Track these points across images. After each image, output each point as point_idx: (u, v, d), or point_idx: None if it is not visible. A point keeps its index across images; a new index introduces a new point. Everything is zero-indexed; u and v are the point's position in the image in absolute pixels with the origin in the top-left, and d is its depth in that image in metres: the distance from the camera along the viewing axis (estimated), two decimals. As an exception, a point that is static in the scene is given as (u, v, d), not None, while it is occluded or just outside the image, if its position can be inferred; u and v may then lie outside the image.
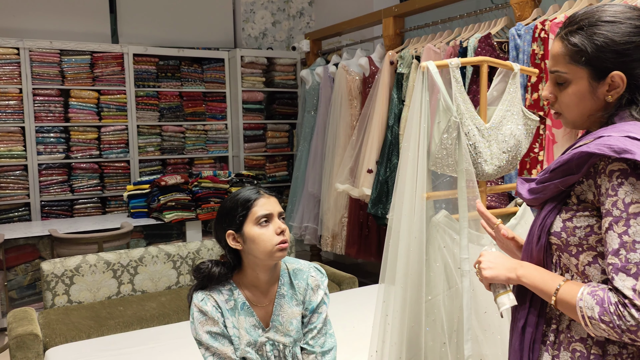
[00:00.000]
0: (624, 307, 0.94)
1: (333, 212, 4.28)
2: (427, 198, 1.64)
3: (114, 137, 4.76)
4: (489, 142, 1.68)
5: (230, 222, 1.44)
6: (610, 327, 0.95)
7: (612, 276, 0.97)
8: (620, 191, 0.97)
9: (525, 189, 1.16)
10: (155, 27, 5.24)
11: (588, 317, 0.98)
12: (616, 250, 0.97)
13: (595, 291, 0.99)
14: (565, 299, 1.03)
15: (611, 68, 1.03)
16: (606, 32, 1.03)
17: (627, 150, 0.96)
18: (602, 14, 1.05)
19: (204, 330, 1.44)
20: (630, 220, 0.96)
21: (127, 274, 3.21)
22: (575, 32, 1.06)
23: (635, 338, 0.94)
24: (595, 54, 1.04)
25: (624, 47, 1.02)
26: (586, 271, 1.06)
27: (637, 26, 1.03)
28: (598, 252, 1.04)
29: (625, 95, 1.05)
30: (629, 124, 1.02)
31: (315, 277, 1.54)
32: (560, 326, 1.11)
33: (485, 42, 3.08)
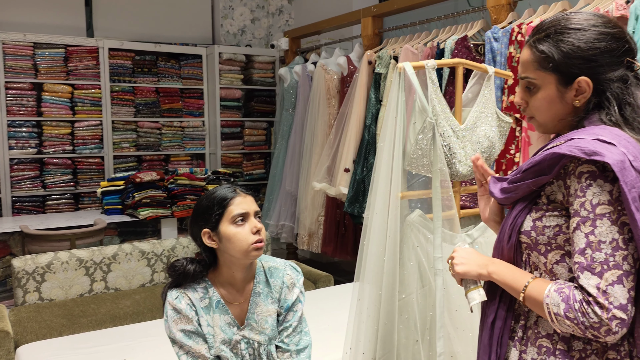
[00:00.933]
0: (588, 304, 0.97)
1: (310, 211, 4.29)
2: (402, 197, 1.66)
3: (88, 133, 4.68)
4: (464, 143, 1.71)
5: (206, 221, 1.44)
6: (574, 324, 0.98)
7: (578, 274, 1.00)
8: (589, 192, 1.00)
9: (498, 188, 1.19)
10: (132, 22, 5.17)
11: (554, 313, 1.01)
12: (582, 250, 1.00)
13: (562, 289, 1.02)
14: (533, 296, 1.06)
15: (578, 74, 1.06)
16: (572, 39, 1.06)
17: (597, 152, 0.98)
18: (568, 22, 1.08)
19: (178, 329, 1.43)
20: (596, 220, 0.99)
21: (100, 272, 3.17)
22: (543, 39, 1.09)
23: (597, 334, 0.97)
24: (562, 61, 1.06)
25: (589, 54, 1.05)
26: (554, 269, 1.09)
27: (602, 33, 1.06)
28: (566, 251, 1.07)
29: (592, 100, 1.08)
30: (599, 128, 1.05)
31: (291, 275, 1.55)
32: (528, 322, 1.14)
33: (461, 44, 3.12)
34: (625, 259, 0.98)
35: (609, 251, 0.98)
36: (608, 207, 0.99)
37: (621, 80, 1.06)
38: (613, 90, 1.05)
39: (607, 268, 0.97)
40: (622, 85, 1.05)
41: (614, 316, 0.95)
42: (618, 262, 0.97)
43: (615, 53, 1.06)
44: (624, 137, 1.02)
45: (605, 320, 0.95)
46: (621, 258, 0.98)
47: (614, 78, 1.05)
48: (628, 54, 1.07)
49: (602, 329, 0.96)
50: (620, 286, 0.96)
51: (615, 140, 1.00)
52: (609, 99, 1.06)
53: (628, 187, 0.96)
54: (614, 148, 0.99)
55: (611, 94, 1.06)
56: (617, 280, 0.96)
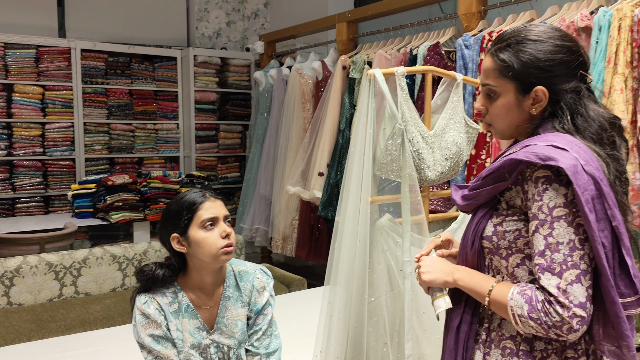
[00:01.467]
0: (550, 304, 1.00)
1: (284, 215, 4.30)
2: (372, 202, 1.69)
3: (59, 135, 4.61)
4: (432, 149, 1.74)
5: (175, 226, 1.44)
6: (537, 324, 1.02)
7: (539, 276, 1.03)
8: (545, 196, 1.04)
9: (459, 195, 1.22)
10: (105, 23, 5.11)
11: (518, 315, 1.04)
12: (542, 252, 1.03)
13: (524, 290, 1.05)
14: (497, 300, 1.09)
15: (535, 83, 1.11)
16: (531, 50, 1.10)
17: (551, 157, 1.03)
18: (528, 33, 1.12)
19: (147, 334, 1.42)
20: (554, 223, 1.03)
21: (70, 276, 3.12)
22: (504, 48, 1.13)
23: (560, 333, 1.01)
24: (521, 70, 1.11)
25: (546, 64, 1.10)
26: (515, 272, 1.13)
27: (559, 45, 1.11)
28: (526, 254, 1.11)
29: (547, 109, 1.12)
30: (552, 135, 1.10)
31: (261, 279, 1.55)
32: (492, 325, 1.18)
33: (434, 51, 3.18)
34: (582, 258, 1.02)
35: (567, 252, 1.01)
36: (564, 209, 1.03)
37: (574, 91, 1.10)
38: (567, 101, 1.10)
39: (565, 268, 1.01)
40: (575, 96, 1.10)
41: (574, 314, 0.99)
42: (576, 262, 1.01)
43: (570, 65, 1.11)
44: (576, 143, 1.06)
45: (566, 318, 0.99)
46: (578, 258, 1.01)
47: (568, 89, 1.10)
48: (582, 67, 1.12)
49: (564, 327, 1.00)
50: (579, 285, 1.00)
51: (568, 146, 1.05)
52: (562, 108, 1.10)
53: (581, 190, 1.00)
54: (567, 153, 1.03)
55: (565, 104, 1.10)
56: (575, 280, 1.00)
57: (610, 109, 2.30)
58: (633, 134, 2.34)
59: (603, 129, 1.10)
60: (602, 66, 2.37)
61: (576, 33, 2.53)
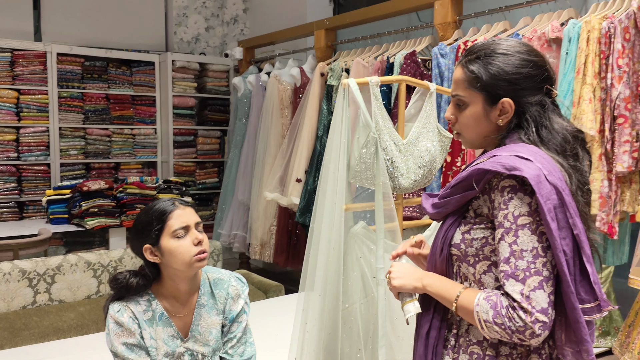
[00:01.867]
0: (514, 309, 1.03)
1: (262, 221, 4.30)
2: (346, 209, 1.71)
3: (34, 139, 4.54)
4: (406, 157, 1.77)
5: (146, 237, 1.43)
6: (502, 329, 1.05)
7: (504, 282, 1.06)
8: (511, 205, 1.08)
9: (429, 203, 1.25)
10: (82, 26, 5.05)
11: (484, 320, 1.07)
12: (507, 259, 1.07)
13: (490, 296, 1.08)
14: (464, 305, 1.12)
15: (502, 95, 1.14)
16: (499, 63, 1.14)
17: (516, 167, 1.06)
18: (497, 47, 1.16)
19: (120, 342, 1.42)
20: (518, 231, 1.06)
21: (44, 283, 3.07)
22: (474, 60, 1.17)
23: (523, 338, 1.04)
24: (489, 81, 1.14)
25: (513, 77, 1.14)
26: (482, 279, 1.16)
27: (525, 60, 1.15)
28: (492, 262, 1.14)
29: (513, 120, 1.16)
30: (518, 145, 1.13)
31: (235, 287, 1.56)
32: (460, 331, 1.20)
33: (410, 59, 3.22)
34: (544, 265, 1.05)
35: (530, 259, 1.05)
36: (528, 218, 1.06)
37: (539, 104, 1.14)
38: (532, 113, 1.14)
39: (529, 275, 1.04)
40: (540, 109, 1.14)
41: (536, 319, 1.02)
42: (538, 269, 1.04)
43: (535, 79, 1.15)
44: (540, 154, 1.10)
45: (529, 323, 1.02)
46: (541, 265, 1.05)
47: (533, 102, 1.14)
48: (547, 82, 1.16)
49: (527, 332, 1.03)
50: (541, 291, 1.03)
51: (532, 156, 1.08)
52: (528, 120, 1.14)
53: (544, 199, 1.04)
54: (531, 164, 1.07)
55: (530, 116, 1.14)
56: (538, 286, 1.03)
57: (579, 118, 2.38)
58: (601, 143, 2.41)
59: (566, 142, 1.14)
60: (571, 76, 2.44)
61: (547, 44, 2.59)
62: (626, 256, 2.74)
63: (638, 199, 2.54)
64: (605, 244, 2.66)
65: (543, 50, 2.58)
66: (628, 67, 2.34)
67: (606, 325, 3.41)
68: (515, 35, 2.72)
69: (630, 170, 2.38)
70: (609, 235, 2.43)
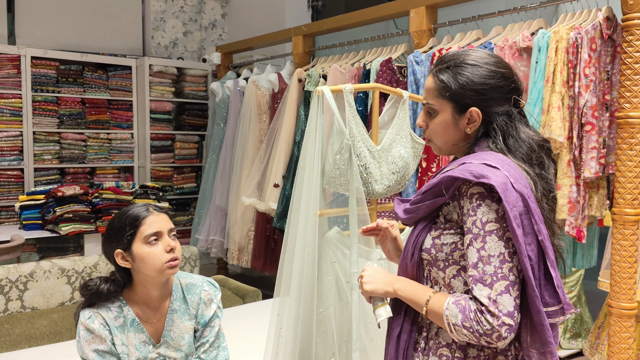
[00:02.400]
0: (482, 313, 1.07)
1: (240, 226, 4.29)
2: (320, 215, 1.73)
3: (7, 144, 4.46)
4: (380, 163, 1.80)
5: (118, 241, 1.43)
6: (470, 332, 1.07)
7: (472, 286, 1.09)
8: (479, 211, 1.11)
9: (401, 209, 1.28)
10: (57, 30, 4.99)
11: (452, 324, 1.10)
12: (475, 264, 1.10)
13: (459, 300, 1.11)
14: (434, 309, 1.14)
15: (470, 104, 1.18)
16: (468, 74, 1.17)
17: (484, 175, 1.09)
18: (466, 57, 1.20)
19: (91, 349, 1.41)
20: (486, 237, 1.09)
21: (16, 290, 3.02)
22: (444, 70, 1.20)
23: (490, 340, 1.07)
24: (458, 91, 1.18)
25: (481, 88, 1.17)
26: (451, 283, 1.19)
27: (493, 71, 1.18)
28: (461, 266, 1.17)
29: (481, 129, 1.20)
30: (486, 153, 1.17)
31: (208, 291, 1.56)
32: (430, 334, 1.23)
33: (386, 66, 3.26)
34: (511, 270, 1.08)
35: (497, 264, 1.08)
36: (495, 224, 1.10)
37: (506, 114, 1.18)
38: (499, 123, 1.18)
39: (496, 279, 1.07)
40: (507, 119, 1.18)
41: (503, 323, 1.05)
42: (505, 274, 1.08)
43: (502, 90, 1.18)
44: (507, 162, 1.14)
45: (496, 327, 1.05)
46: (507, 270, 1.08)
47: (500, 112, 1.18)
48: (514, 92, 1.20)
49: (494, 335, 1.06)
50: (507, 295, 1.07)
51: (500, 164, 1.12)
52: (495, 129, 1.18)
53: (510, 206, 1.07)
54: (499, 172, 1.10)
55: (497, 125, 1.18)
56: (504, 290, 1.07)
57: (548, 125, 2.44)
58: (570, 149, 2.47)
59: (532, 150, 1.18)
60: (541, 85, 2.50)
61: (518, 53, 2.66)
62: (595, 259, 2.81)
63: (605, 203, 2.61)
64: (574, 248, 2.72)
65: (514, 59, 2.65)
66: (595, 76, 2.41)
67: (577, 327, 3.48)
68: (488, 44, 2.78)
69: (598, 175, 2.45)
70: (577, 239, 2.49)
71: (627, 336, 2.43)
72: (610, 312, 2.46)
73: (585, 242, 2.66)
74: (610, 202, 2.50)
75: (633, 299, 2.43)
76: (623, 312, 2.42)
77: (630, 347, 2.45)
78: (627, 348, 2.44)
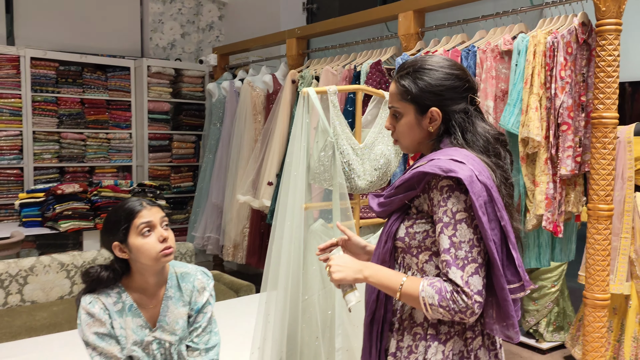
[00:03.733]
0: (457, 293, 1.19)
1: (235, 223, 4.40)
2: (306, 208, 1.84)
3: (7, 143, 4.57)
4: (362, 160, 1.91)
5: (115, 234, 1.53)
6: (446, 310, 1.20)
7: (447, 270, 1.21)
8: (449, 202, 1.23)
9: (376, 202, 1.40)
10: (56, 31, 5.10)
11: (429, 304, 1.21)
12: (447, 249, 1.22)
13: (433, 282, 1.23)
14: (409, 292, 1.26)
15: (430, 105, 1.30)
16: (426, 78, 1.30)
17: (452, 169, 1.21)
18: (424, 63, 1.32)
19: (91, 332, 1.52)
20: (457, 225, 1.21)
21: (16, 284, 3.13)
22: (405, 76, 1.33)
23: (463, 317, 1.20)
24: (417, 94, 1.30)
25: (438, 89, 1.30)
26: (424, 267, 1.31)
27: (448, 73, 1.31)
28: (433, 252, 1.29)
29: (442, 127, 1.32)
30: (452, 149, 1.29)
31: (201, 280, 1.67)
32: (403, 315, 1.35)
33: (375, 68, 3.38)
34: (479, 254, 1.21)
35: (467, 249, 1.20)
36: (464, 213, 1.22)
37: (463, 112, 1.30)
38: (457, 120, 1.30)
39: (467, 262, 1.20)
40: (464, 115, 1.30)
41: (475, 300, 1.18)
42: (475, 257, 1.20)
43: (458, 90, 1.31)
44: (471, 157, 1.26)
45: (470, 304, 1.18)
46: (476, 254, 1.21)
47: (458, 110, 1.30)
48: (469, 91, 1.32)
49: (468, 311, 1.19)
50: (477, 276, 1.19)
51: (465, 159, 1.24)
52: (454, 126, 1.30)
53: (476, 197, 1.19)
54: (464, 166, 1.22)
55: (455, 122, 1.30)
56: (475, 272, 1.20)
57: (527, 125, 2.56)
58: (547, 148, 2.59)
59: (489, 143, 1.31)
60: (520, 86, 2.62)
61: (500, 56, 2.78)
62: (573, 253, 2.93)
63: (582, 200, 2.73)
64: (553, 242, 2.84)
65: (496, 62, 2.76)
66: (570, 78, 2.53)
67: (560, 321, 3.60)
68: (471, 47, 2.89)
69: (574, 173, 2.57)
70: (554, 233, 2.61)
71: (600, 326, 2.55)
72: (584, 302, 2.58)
73: (562, 237, 2.78)
74: (587, 198, 2.62)
75: (606, 291, 2.55)
76: (597, 302, 2.54)
77: (603, 336, 2.57)
78: (601, 337, 2.56)
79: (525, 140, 2.59)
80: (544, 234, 2.79)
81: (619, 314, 3.11)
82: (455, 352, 1.28)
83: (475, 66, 2.82)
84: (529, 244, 2.81)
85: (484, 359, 1.30)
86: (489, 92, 2.72)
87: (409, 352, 1.31)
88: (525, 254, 2.81)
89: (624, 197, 2.97)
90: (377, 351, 1.36)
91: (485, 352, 1.31)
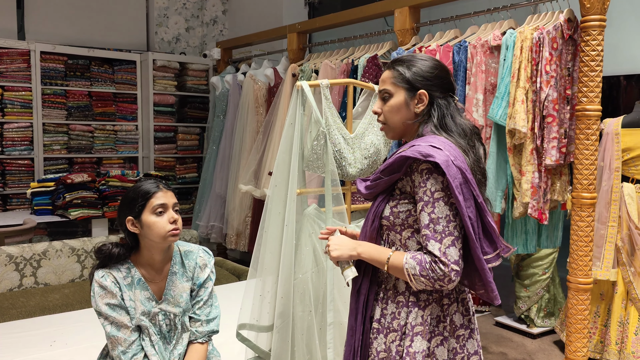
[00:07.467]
0: (435, 263, 1.35)
1: (238, 212, 4.55)
2: (299, 193, 1.99)
3: (18, 134, 4.73)
4: (353, 149, 2.05)
5: (130, 210, 1.69)
6: (427, 279, 1.35)
7: (426, 243, 1.37)
8: (428, 183, 1.38)
9: (363, 186, 1.55)
10: (65, 26, 5.26)
11: (412, 274, 1.37)
12: (427, 224, 1.37)
13: (415, 255, 1.38)
14: (394, 264, 1.41)
15: (419, 87, 1.46)
16: (419, 64, 1.49)
17: (430, 154, 1.36)
18: (416, 56, 1.53)
19: (104, 303, 1.67)
20: (435, 203, 1.37)
21: (30, 267, 3.29)
22: (399, 64, 1.51)
23: (442, 284, 1.36)
24: (411, 77, 1.47)
25: (428, 74, 1.47)
26: (407, 243, 1.46)
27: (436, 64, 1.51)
28: (414, 229, 1.44)
29: (425, 111, 1.46)
30: (431, 137, 1.44)
31: (203, 257, 1.83)
32: (388, 286, 1.50)
33: (372, 62, 3.51)
34: (455, 228, 1.37)
35: (445, 224, 1.36)
36: (441, 192, 1.37)
37: (445, 100, 1.46)
38: (439, 104, 1.46)
39: (444, 236, 1.35)
40: (446, 103, 1.46)
41: (452, 269, 1.34)
42: (451, 231, 1.36)
43: (443, 81, 1.48)
44: (448, 143, 1.40)
45: (447, 272, 1.34)
46: (453, 228, 1.36)
47: (441, 97, 1.45)
48: (450, 89, 1.50)
49: (445, 279, 1.34)
50: (454, 248, 1.35)
51: (442, 145, 1.39)
52: (435, 109, 1.45)
53: (452, 179, 1.34)
54: (441, 152, 1.37)
55: (437, 106, 1.46)
56: (451, 244, 1.35)
57: (513, 117, 2.69)
58: (532, 139, 2.72)
59: (465, 133, 1.45)
60: (508, 80, 2.74)
61: (490, 51, 2.90)
62: (559, 240, 3.06)
63: (567, 189, 2.86)
64: (539, 229, 2.98)
65: (486, 56, 2.89)
66: (556, 72, 2.65)
67: (551, 307, 3.74)
68: (463, 42, 3.02)
69: (558, 163, 2.70)
70: (539, 220, 2.75)
71: (583, 308, 2.69)
72: (568, 286, 2.72)
73: (548, 224, 2.91)
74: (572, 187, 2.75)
75: (589, 275, 2.69)
76: (580, 286, 2.68)
77: (586, 318, 2.71)
78: (583, 319, 2.70)
79: (512, 132, 2.72)
80: (531, 221, 2.92)
81: (606, 299, 3.23)
82: (433, 317, 1.44)
83: (467, 60, 2.95)
84: (517, 231, 2.94)
85: (458, 323, 1.47)
86: (478, 85, 2.85)
87: (392, 318, 1.46)
88: (513, 240, 2.94)
89: (612, 187, 3.09)
90: (363, 317, 1.51)
91: (459, 317, 1.47)
